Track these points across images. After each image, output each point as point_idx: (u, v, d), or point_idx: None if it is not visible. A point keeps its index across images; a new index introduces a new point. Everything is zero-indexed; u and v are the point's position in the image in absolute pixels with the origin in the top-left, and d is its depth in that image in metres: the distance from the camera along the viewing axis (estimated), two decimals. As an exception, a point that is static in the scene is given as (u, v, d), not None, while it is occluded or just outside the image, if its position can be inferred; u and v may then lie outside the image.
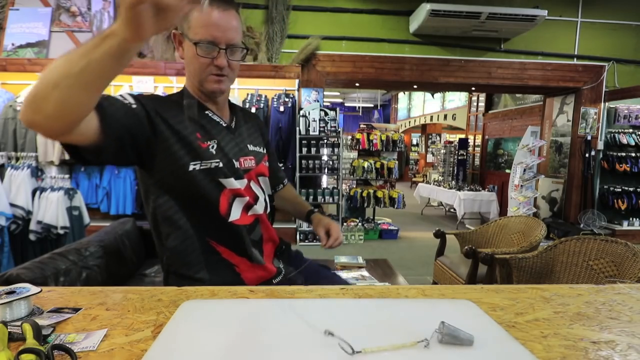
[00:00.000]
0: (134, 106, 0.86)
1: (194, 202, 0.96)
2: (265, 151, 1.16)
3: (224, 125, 1.04)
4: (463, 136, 9.42)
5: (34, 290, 0.63)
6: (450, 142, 9.19)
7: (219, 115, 1.05)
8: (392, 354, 0.52)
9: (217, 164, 0.96)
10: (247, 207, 1.02)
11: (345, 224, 4.86)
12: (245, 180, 1.02)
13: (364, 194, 5.26)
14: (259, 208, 1.05)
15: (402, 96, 13.93)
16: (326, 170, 4.66)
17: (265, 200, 1.10)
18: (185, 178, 0.93)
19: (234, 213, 0.99)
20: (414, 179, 12.43)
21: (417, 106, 12.75)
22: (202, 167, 0.94)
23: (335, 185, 4.83)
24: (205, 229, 0.98)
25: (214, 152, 0.97)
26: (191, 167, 0.93)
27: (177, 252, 0.98)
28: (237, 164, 1.01)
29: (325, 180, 5.05)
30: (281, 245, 1.16)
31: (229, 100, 1.13)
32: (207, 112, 1.03)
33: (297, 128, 4.41)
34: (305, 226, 4.73)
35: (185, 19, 0.94)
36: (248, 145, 1.08)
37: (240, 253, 1.01)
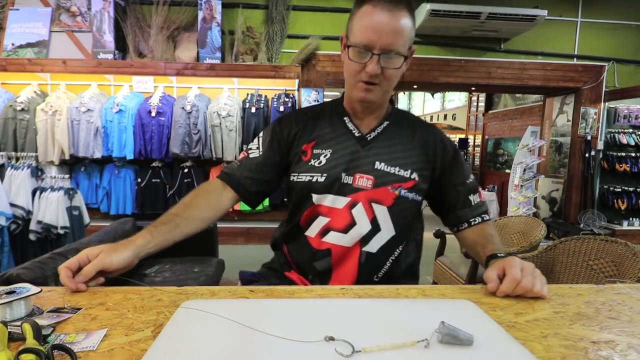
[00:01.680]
0: (257, 154, 0.99)
1: (293, 205, 1.00)
2: (412, 176, 0.94)
3: (357, 135, 0.97)
4: (463, 136, 9.42)
5: (34, 290, 0.63)
6: (450, 142, 9.18)
7: (356, 123, 0.99)
8: (392, 353, 0.52)
9: (311, 179, 0.93)
10: (324, 231, 0.94)
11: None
12: (348, 199, 0.92)
13: (364, 194, 5.25)
14: (344, 238, 0.92)
15: (402, 96, 13.93)
16: (326, 170, 4.64)
17: (371, 236, 0.92)
18: (290, 185, 0.99)
19: (311, 229, 0.96)
20: (414, 179, 12.40)
21: (417, 106, 12.75)
22: (298, 180, 0.96)
23: (335, 185, 4.82)
24: (288, 235, 1.02)
25: (317, 165, 0.94)
26: (292, 177, 0.97)
27: (274, 239, 1.08)
28: (347, 179, 0.92)
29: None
30: None
31: (397, 110, 1.03)
32: (345, 118, 1.00)
33: (297, 128, 4.40)
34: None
35: (351, 21, 0.89)
36: (376, 163, 0.93)
37: (299, 270, 0.99)
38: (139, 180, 4.22)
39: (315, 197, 0.94)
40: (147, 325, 0.61)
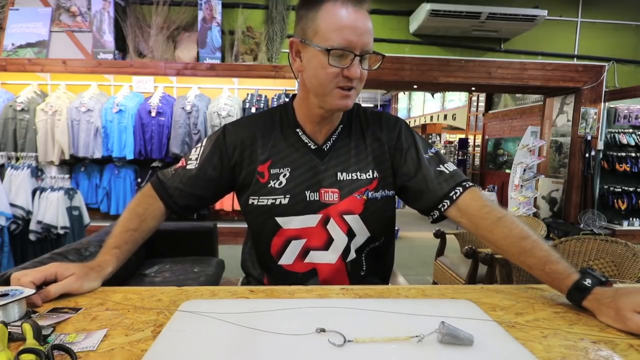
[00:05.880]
0: (193, 166, 0.92)
1: (254, 233, 0.96)
2: (375, 175, 0.90)
3: (313, 147, 0.91)
4: (463, 136, 9.43)
5: (27, 292, 0.62)
6: (450, 142, 9.21)
7: (311, 134, 0.91)
8: (383, 346, 0.52)
9: (274, 202, 0.88)
10: (304, 253, 0.90)
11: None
12: (319, 216, 0.88)
13: (364, 194, 5.26)
14: (327, 256, 0.89)
15: (402, 96, 13.93)
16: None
17: (348, 246, 0.90)
18: (247, 210, 0.93)
19: (285, 257, 0.91)
20: (414, 179, 12.39)
21: (417, 106, 12.76)
22: (259, 203, 0.89)
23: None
24: (261, 262, 0.98)
25: (278, 187, 0.88)
26: (251, 201, 0.91)
27: (243, 258, 1.04)
28: (313, 196, 0.88)
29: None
30: None
31: (350, 112, 0.94)
32: (297, 130, 0.92)
33: (297, 128, 4.41)
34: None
35: (310, 23, 0.81)
36: (338, 174, 0.89)
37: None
38: (139, 180, 4.22)
39: (280, 221, 0.88)
40: (147, 325, 0.61)
